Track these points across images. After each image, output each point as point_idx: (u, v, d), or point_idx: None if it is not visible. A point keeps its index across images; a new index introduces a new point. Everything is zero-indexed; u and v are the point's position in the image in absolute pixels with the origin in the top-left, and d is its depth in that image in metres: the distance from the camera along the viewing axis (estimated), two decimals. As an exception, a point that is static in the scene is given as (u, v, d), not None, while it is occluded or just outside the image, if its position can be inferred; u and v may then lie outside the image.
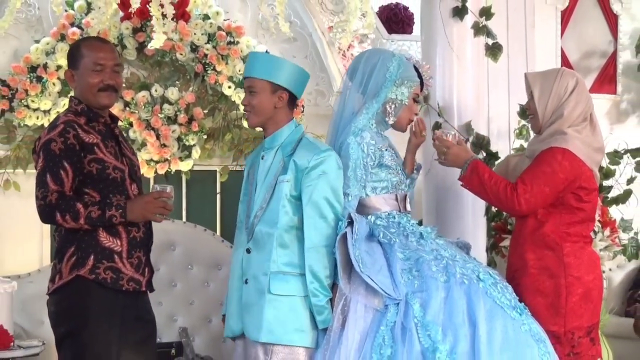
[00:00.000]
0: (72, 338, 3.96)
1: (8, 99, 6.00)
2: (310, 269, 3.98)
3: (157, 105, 6.18)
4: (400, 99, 4.26)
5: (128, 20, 6.10)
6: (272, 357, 3.97)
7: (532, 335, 3.94)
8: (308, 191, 4.00)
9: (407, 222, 4.23)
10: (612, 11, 6.61)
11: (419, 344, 3.85)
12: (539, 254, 4.28)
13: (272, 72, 4.14)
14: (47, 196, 3.86)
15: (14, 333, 4.03)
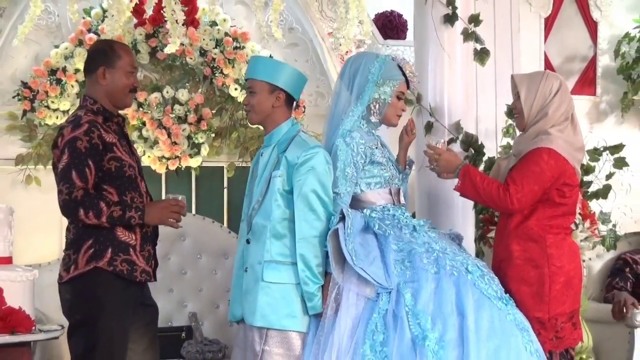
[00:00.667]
0: (87, 326, 3.96)
1: (30, 100, 6.01)
2: (301, 258, 3.99)
3: (169, 106, 6.18)
4: (383, 98, 4.26)
5: (141, 27, 6.11)
6: (267, 340, 4.00)
7: (517, 324, 3.95)
8: (298, 185, 4.01)
9: (402, 214, 4.23)
10: (592, 18, 6.61)
11: (410, 332, 3.85)
12: (524, 246, 4.27)
13: (270, 74, 4.16)
14: (72, 192, 3.86)
15: (35, 318, 4.03)
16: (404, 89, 4.29)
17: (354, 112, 4.27)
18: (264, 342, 4.00)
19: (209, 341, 5.47)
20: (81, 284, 3.97)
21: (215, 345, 5.43)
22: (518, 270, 4.25)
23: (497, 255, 4.39)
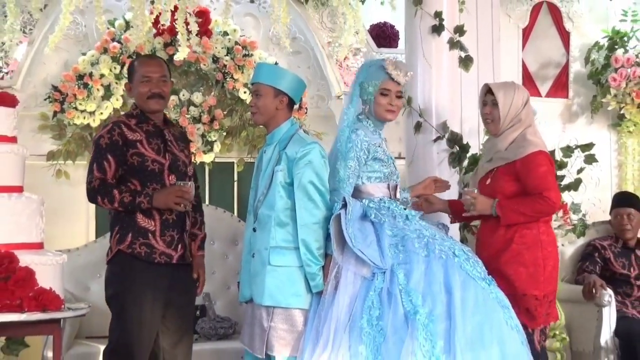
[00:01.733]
0: (115, 299, 4.09)
1: (59, 102, 6.00)
2: (303, 243, 4.02)
3: (185, 108, 6.18)
4: (369, 98, 4.27)
5: (160, 36, 6.09)
6: (274, 317, 4.03)
7: (499, 302, 3.96)
8: (297, 177, 4.04)
9: (396, 207, 4.24)
10: (564, 29, 6.59)
11: (402, 307, 3.86)
12: (520, 233, 4.32)
13: (275, 80, 4.19)
14: (92, 182, 4.03)
15: (65, 297, 4.02)
16: (387, 86, 4.24)
17: (347, 113, 4.30)
18: (271, 319, 4.03)
19: (221, 318, 5.46)
20: (111, 265, 4.15)
21: (226, 322, 5.43)
22: (514, 254, 4.30)
23: (493, 244, 4.38)
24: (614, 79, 6.45)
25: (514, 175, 4.35)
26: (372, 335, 3.87)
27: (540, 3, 6.52)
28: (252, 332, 4.13)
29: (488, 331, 3.83)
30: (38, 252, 4.06)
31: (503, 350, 3.81)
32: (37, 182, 5.45)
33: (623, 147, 6.63)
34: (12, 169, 4.12)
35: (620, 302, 5.36)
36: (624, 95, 6.47)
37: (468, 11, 5.59)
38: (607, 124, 6.68)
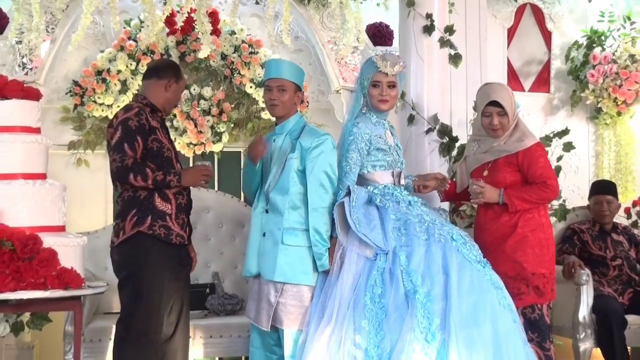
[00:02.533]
0: (132, 279, 4.07)
1: (80, 96, 6.00)
2: (312, 225, 4.05)
3: (195, 101, 6.17)
4: (365, 92, 4.31)
5: (172, 35, 6.08)
6: (283, 293, 4.05)
7: (492, 283, 3.98)
8: (310, 166, 4.08)
9: (400, 193, 4.28)
10: (546, 29, 6.58)
11: (403, 287, 3.89)
12: (524, 218, 4.38)
13: (297, 76, 4.24)
14: (124, 160, 3.98)
15: (85, 276, 4.01)
16: (377, 78, 4.27)
17: (351, 109, 4.38)
18: (280, 294, 4.05)
19: (229, 296, 5.46)
20: (127, 246, 4.10)
21: (234, 299, 5.42)
22: (521, 237, 4.36)
23: (498, 230, 4.42)
24: (592, 75, 6.44)
25: (516, 166, 4.42)
26: (374, 312, 3.88)
27: (524, 5, 6.50)
28: (259, 306, 4.14)
29: (482, 311, 3.83)
30: (60, 235, 4.05)
31: (495, 328, 3.82)
32: (59, 170, 5.46)
33: (600, 138, 6.62)
34: (36, 158, 4.11)
35: (597, 281, 5.36)
36: (601, 90, 6.45)
37: (457, 12, 5.58)
38: (586, 116, 6.67)
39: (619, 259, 5.55)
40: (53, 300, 3.86)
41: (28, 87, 4.24)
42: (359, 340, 3.83)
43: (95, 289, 4.12)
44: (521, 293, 4.30)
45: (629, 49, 6.43)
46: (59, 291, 3.80)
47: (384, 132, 4.30)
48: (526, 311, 4.34)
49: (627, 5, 6.57)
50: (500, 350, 3.78)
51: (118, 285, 4.20)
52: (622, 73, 6.38)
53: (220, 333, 5.10)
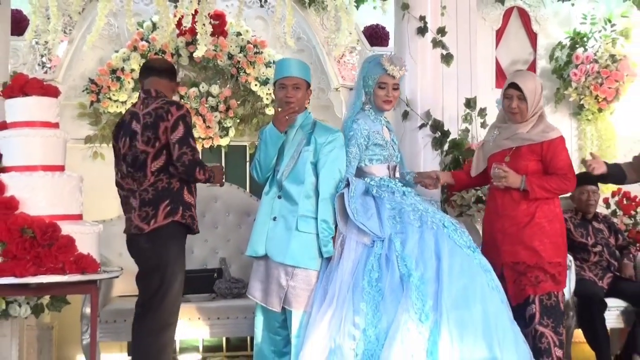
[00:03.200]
0: (165, 267, 4.14)
1: (96, 93, 6.00)
2: (321, 214, 4.07)
3: (204, 98, 6.17)
4: (369, 90, 4.32)
5: (182, 36, 6.07)
6: (293, 277, 4.06)
7: (482, 267, 4.01)
8: (324, 160, 4.11)
9: (394, 184, 4.29)
10: (532, 30, 6.57)
11: (398, 271, 3.92)
12: (541, 208, 4.34)
13: (307, 74, 4.27)
14: (195, 155, 4.13)
15: (100, 261, 4.01)
16: (384, 80, 4.30)
17: (352, 105, 4.39)
18: (290, 278, 4.05)
19: (235, 280, 5.46)
20: (159, 235, 4.15)
21: (240, 283, 5.43)
22: (538, 227, 4.32)
23: (516, 218, 4.36)
24: (575, 74, 6.44)
25: (539, 156, 4.36)
26: (371, 295, 3.91)
27: (512, 8, 6.48)
28: (268, 288, 4.13)
29: (471, 293, 3.86)
30: (77, 223, 4.05)
31: (485, 309, 3.84)
32: (76, 162, 5.45)
33: (583, 132, 6.61)
34: (55, 151, 4.10)
35: (578, 267, 5.36)
36: (584, 88, 6.45)
37: (449, 15, 5.57)
38: (569, 112, 6.67)
39: (599, 245, 5.55)
40: (71, 284, 3.86)
41: (47, 85, 4.23)
42: (357, 321, 3.85)
43: (110, 273, 4.12)
44: (539, 281, 4.26)
45: (609, 49, 6.43)
46: (77, 275, 3.80)
47: (381, 128, 4.33)
48: (543, 298, 4.27)
49: (608, 9, 6.56)
50: (489, 329, 3.80)
51: (144, 272, 4.22)
52: (603, 72, 6.38)
53: (227, 315, 5.10)
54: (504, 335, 3.82)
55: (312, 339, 3.91)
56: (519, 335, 3.94)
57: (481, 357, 3.75)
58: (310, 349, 3.89)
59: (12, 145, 4.03)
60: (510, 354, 3.79)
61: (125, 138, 4.26)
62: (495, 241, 4.40)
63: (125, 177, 4.30)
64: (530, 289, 4.26)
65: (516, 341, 3.88)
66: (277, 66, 4.33)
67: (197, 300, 5.17)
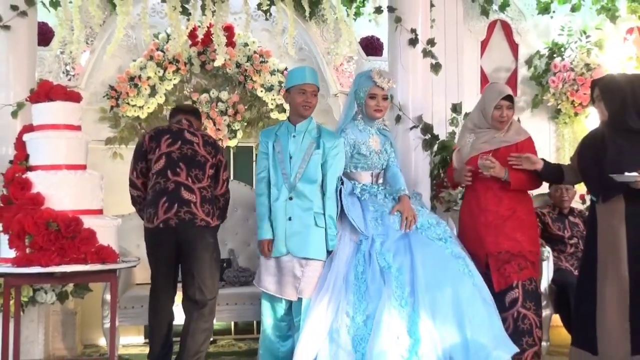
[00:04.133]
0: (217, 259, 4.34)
1: (115, 99, 5.99)
2: (328, 210, 4.13)
3: (214, 103, 6.16)
4: (361, 102, 4.38)
5: (194, 47, 6.06)
6: (307, 268, 4.09)
7: (453, 255, 4.11)
8: (331, 162, 4.16)
9: (377, 190, 4.37)
10: (514, 41, 6.55)
11: (378, 265, 4.04)
12: (521, 204, 4.45)
13: (319, 82, 4.31)
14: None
15: (119, 252, 4.01)
16: (374, 91, 4.37)
17: (346, 115, 4.46)
18: (305, 269, 4.09)
19: (243, 269, 5.46)
20: (216, 233, 4.34)
21: (247, 272, 5.43)
22: (520, 220, 4.40)
23: (499, 212, 4.41)
24: (553, 81, 6.43)
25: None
26: (357, 286, 4.04)
27: (495, 21, 6.47)
28: (282, 280, 4.13)
29: (442, 277, 3.95)
30: (98, 217, 4.05)
31: (456, 291, 3.92)
32: (97, 162, 5.44)
33: (560, 135, 6.60)
34: (78, 151, 4.11)
35: (556, 257, 5.37)
36: (561, 94, 6.44)
37: (437, 27, 5.58)
38: (547, 116, 6.65)
39: (575, 238, 5.55)
40: (92, 273, 3.87)
41: (70, 91, 4.24)
42: (347, 309, 3.97)
43: (128, 263, 4.12)
44: (522, 268, 4.31)
45: (584, 58, 6.42)
46: (98, 265, 3.80)
47: (368, 138, 4.39)
48: (525, 283, 4.30)
49: (583, 21, 6.55)
50: (460, 310, 3.88)
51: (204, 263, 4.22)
52: (579, 79, 6.37)
53: (235, 301, 5.11)
54: (475, 315, 3.89)
55: (310, 321, 4.00)
56: (493, 316, 3.97)
57: (453, 335, 3.85)
58: (310, 330, 3.98)
59: (38, 146, 4.04)
60: (482, 333, 3.85)
61: (178, 141, 4.30)
62: (478, 233, 4.42)
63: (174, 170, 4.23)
64: (514, 275, 4.28)
65: (490, 321, 3.93)
66: (296, 73, 4.27)
67: (207, 288, 5.15)
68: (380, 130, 4.49)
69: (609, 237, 3.94)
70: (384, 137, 4.49)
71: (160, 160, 4.24)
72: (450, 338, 3.83)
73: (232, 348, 5.58)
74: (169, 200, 4.15)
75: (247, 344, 5.66)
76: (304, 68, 4.33)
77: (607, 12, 6.40)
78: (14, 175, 3.99)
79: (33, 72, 4.95)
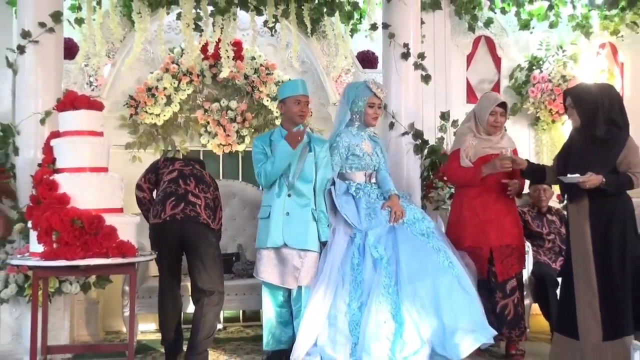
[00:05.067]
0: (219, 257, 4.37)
1: (134, 107, 5.98)
2: (320, 205, 4.23)
3: (224, 111, 6.15)
4: (359, 110, 4.39)
5: (206, 60, 6.05)
6: (305, 258, 4.14)
7: (434, 248, 4.20)
8: (320, 163, 4.25)
9: (370, 188, 4.42)
10: (497, 55, 6.56)
11: (371, 256, 4.11)
12: (514, 205, 4.67)
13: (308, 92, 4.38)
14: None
15: (138, 247, 4.01)
16: (373, 100, 4.43)
17: (340, 123, 4.49)
18: (303, 259, 4.14)
19: (250, 262, 5.46)
20: (216, 234, 4.45)
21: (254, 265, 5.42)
22: (515, 218, 4.59)
23: (499, 210, 4.54)
24: (532, 91, 6.43)
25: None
26: (353, 276, 4.12)
27: (480, 37, 6.47)
28: (284, 271, 4.17)
29: (423, 269, 4.03)
30: (119, 215, 4.05)
31: (434, 282, 3.99)
32: (118, 165, 5.43)
33: (539, 140, 6.60)
34: (100, 155, 4.11)
35: (535, 252, 5.37)
36: (540, 103, 6.45)
37: (427, 42, 5.59)
38: (527, 123, 6.65)
39: (552, 234, 5.55)
40: (113, 266, 3.87)
41: (93, 100, 4.24)
42: (344, 297, 4.05)
43: (146, 257, 4.12)
44: (519, 259, 4.51)
45: (561, 71, 6.43)
46: (118, 259, 3.80)
47: (361, 142, 4.43)
48: (517, 274, 4.49)
49: (560, 37, 6.56)
50: (438, 299, 3.95)
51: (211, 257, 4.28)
52: (556, 90, 6.37)
53: (243, 291, 5.11)
54: (455, 303, 3.96)
55: (310, 309, 4.07)
56: (473, 303, 4.03)
57: (431, 320, 3.93)
58: (310, 317, 4.04)
59: (64, 150, 4.04)
60: (461, 318, 3.92)
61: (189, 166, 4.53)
62: (483, 229, 4.51)
63: (185, 181, 4.38)
64: (517, 266, 4.48)
65: (470, 308, 3.99)
66: (290, 85, 4.32)
67: (218, 280, 5.16)
68: (371, 137, 4.54)
69: (578, 234, 3.95)
70: (375, 142, 4.53)
71: (173, 173, 4.42)
72: (430, 323, 3.92)
73: (240, 334, 5.58)
74: (176, 199, 4.26)
75: (254, 330, 5.66)
76: (296, 81, 4.37)
77: (581, 29, 6.41)
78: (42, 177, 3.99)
79: (59, 83, 4.95)
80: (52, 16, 4.80)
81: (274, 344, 4.31)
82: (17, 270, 4.35)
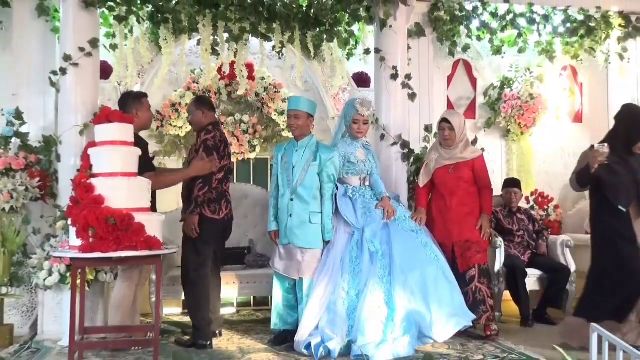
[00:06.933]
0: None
1: (160, 121, 5.97)
2: (325, 209, 4.17)
3: (238, 124, 6.15)
4: (347, 125, 4.45)
5: (223, 80, 6.05)
6: (305, 255, 4.13)
7: (422, 244, 4.23)
8: (326, 170, 4.19)
9: (364, 190, 4.41)
10: (473, 76, 6.55)
11: (368, 250, 4.10)
12: (477, 205, 4.59)
13: (309, 107, 4.28)
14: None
15: (163, 241, 3.98)
16: (357, 117, 4.43)
17: (337, 134, 4.52)
18: (304, 256, 4.12)
19: (260, 255, 5.44)
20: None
21: (264, 257, 5.41)
22: (475, 217, 4.54)
23: (462, 211, 4.51)
24: (504, 107, 6.42)
25: (471, 168, 4.55)
26: (352, 267, 4.10)
27: (459, 60, 6.46)
28: (289, 264, 4.20)
29: (412, 262, 4.04)
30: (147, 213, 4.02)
31: (423, 273, 4.01)
32: (146, 170, 5.41)
33: (510, 149, 6.58)
34: (131, 162, 4.08)
35: (506, 246, 5.35)
36: (510, 118, 6.43)
37: (413, 65, 5.57)
38: (499, 135, 6.63)
39: (522, 231, 5.53)
40: (142, 258, 3.84)
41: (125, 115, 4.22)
42: (343, 285, 4.02)
43: (170, 250, 4.10)
44: (478, 252, 4.43)
45: (528, 90, 6.42)
46: (146, 251, 3.78)
47: (355, 150, 4.44)
48: (481, 265, 4.42)
49: (527, 60, 6.55)
50: (426, 288, 3.97)
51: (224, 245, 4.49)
52: (524, 106, 6.36)
53: (254, 280, 5.09)
54: (440, 291, 3.99)
55: (314, 296, 4.05)
56: (455, 291, 4.08)
57: (420, 306, 3.95)
58: (313, 303, 4.03)
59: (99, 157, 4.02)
60: (445, 305, 3.96)
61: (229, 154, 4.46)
62: (446, 226, 4.50)
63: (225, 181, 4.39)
64: (474, 259, 4.37)
65: (452, 296, 4.03)
66: (289, 100, 4.36)
67: (232, 270, 5.15)
68: (364, 145, 4.53)
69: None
70: (368, 150, 4.53)
71: (222, 172, 4.36)
72: (418, 309, 3.92)
73: (251, 317, 5.56)
74: (226, 201, 4.40)
75: (264, 314, 5.64)
76: (291, 97, 4.40)
77: (546, 53, 6.40)
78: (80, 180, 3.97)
79: (96, 100, 4.94)
80: (90, 42, 4.80)
81: (281, 325, 4.30)
82: (60, 261, 4.38)
